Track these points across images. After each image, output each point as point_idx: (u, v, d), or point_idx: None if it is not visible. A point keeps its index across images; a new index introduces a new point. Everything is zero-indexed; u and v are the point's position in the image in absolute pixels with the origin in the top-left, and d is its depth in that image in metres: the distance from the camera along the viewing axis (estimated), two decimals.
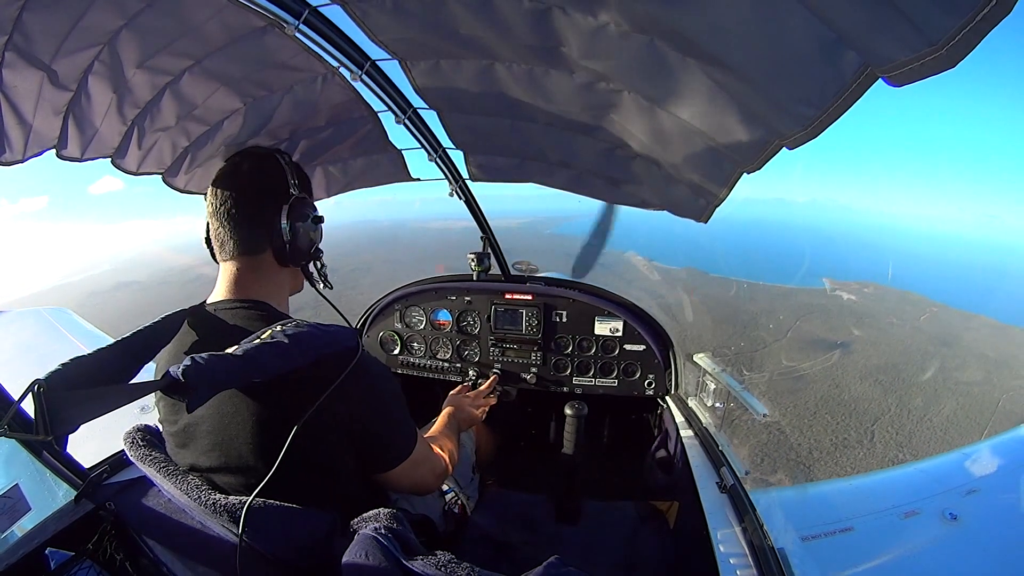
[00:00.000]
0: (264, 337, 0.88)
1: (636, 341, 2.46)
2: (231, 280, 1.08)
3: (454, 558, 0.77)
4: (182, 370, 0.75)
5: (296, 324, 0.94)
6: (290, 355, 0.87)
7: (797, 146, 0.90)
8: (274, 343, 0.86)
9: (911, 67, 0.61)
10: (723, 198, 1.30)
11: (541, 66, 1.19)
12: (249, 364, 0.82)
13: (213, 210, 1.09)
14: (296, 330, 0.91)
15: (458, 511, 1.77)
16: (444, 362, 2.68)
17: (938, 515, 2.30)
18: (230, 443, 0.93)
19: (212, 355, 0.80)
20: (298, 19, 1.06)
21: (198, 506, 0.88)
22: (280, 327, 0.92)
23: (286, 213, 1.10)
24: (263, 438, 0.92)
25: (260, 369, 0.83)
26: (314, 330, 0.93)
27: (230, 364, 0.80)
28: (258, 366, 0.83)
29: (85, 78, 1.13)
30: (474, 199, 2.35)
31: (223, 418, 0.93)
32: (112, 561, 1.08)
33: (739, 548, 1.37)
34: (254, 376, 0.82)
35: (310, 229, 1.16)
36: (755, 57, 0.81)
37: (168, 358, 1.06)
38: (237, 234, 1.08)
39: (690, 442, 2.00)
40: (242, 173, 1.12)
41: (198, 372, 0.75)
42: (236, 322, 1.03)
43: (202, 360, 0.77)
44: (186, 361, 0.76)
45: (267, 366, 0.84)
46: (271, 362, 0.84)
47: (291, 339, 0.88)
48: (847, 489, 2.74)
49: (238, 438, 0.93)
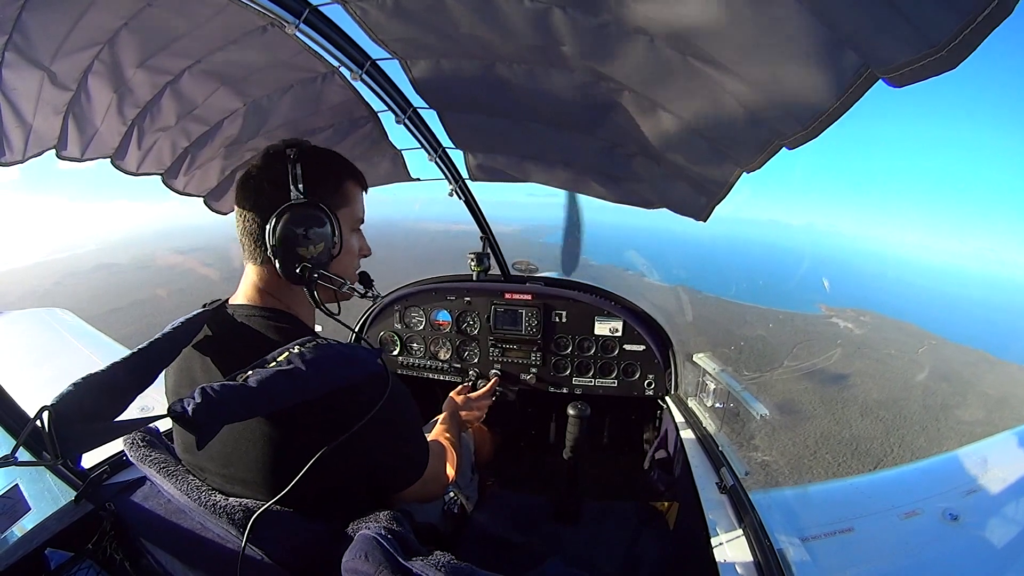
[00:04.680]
0: (280, 361, 0.83)
1: (636, 341, 2.46)
2: (257, 284, 1.02)
3: (454, 558, 0.77)
4: (192, 408, 0.71)
5: (316, 344, 0.88)
6: (308, 385, 0.82)
7: (797, 146, 0.90)
8: (290, 371, 0.81)
9: (911, 68, 0.61)
10: (723, 197, 1.30)
11: (541, 66, 1.19)
12: (263, 396, 0.78)
13: (240, 210, 1.01)
14: (315, 353, 0.85)
15: (458, 511, 1.77)
16: (444, 363, 2.68)
17: (938, 515, 2.30)
18: (240, 458, 0.91)
19: (225, 387, 0.76)
20: (298, 18, 1.05)
21: (198, 507, 0.88)
22: (298, 348, 0.86)
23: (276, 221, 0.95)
24: (275, 460, 0.89)
25: (275, 401, 0.79)
26: (335, 354, 0.88)
27: (243, 397, 0.76)
28: (273, 398, 0.79)
29: (85, 78, 1.13)
30: (474, 199, 2.36)
31: (233, 430, 0.89)
32: (112, 561, 1.08)
33: (739, 549, 1.37)
34: (268, 408, 0.79)
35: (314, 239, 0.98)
36: (755, 57, 0.81)
37: (182, 364, 1.00)
38: (247, 241, 1.01)
39: (690, 442, 2.00)
40: (251, 175, 1.02)
41: (209, 409, 0.72)
42: (259, 333, 0.97)
43: (213, 393, 0.73)
44: (196, 397, 0.72)
45: (283, 398, 0.80)
46: (287, 394, 0.80)
47: (309, 365, 0.83)
48: (847, 489, 2.74)
49: (248, 455, 0.90)
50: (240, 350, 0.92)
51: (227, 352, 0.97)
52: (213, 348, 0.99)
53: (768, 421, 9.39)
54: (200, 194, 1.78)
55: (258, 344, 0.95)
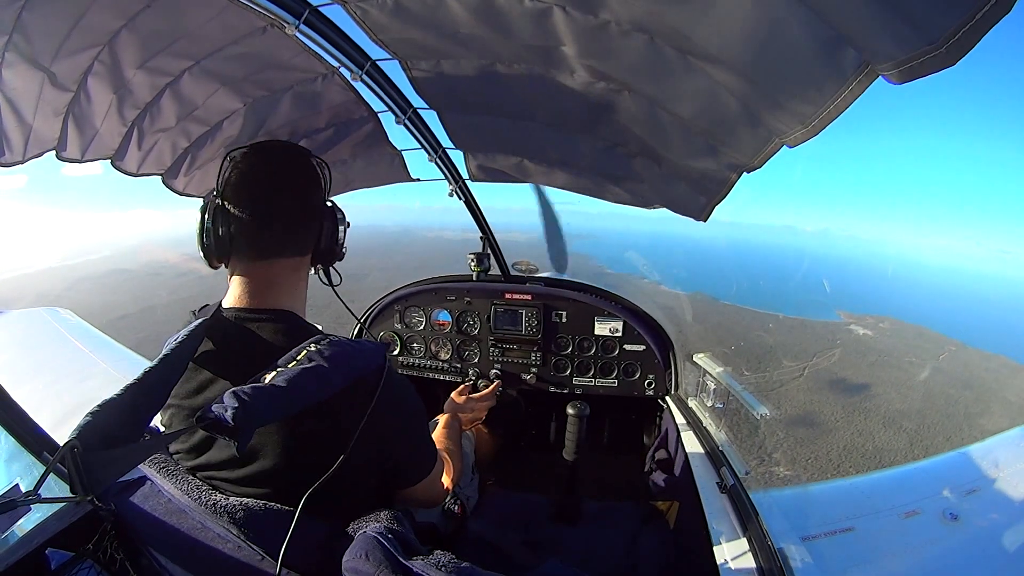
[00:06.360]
0: (301, 359, 0.85)
1: (636, 341, 2.46)
2: (260, 284, 1.01)
3: (454, 558, 0.77)
4: (231, 414, 0.71)
5: (330, 342, 0.91)
6: (332, 381, 0.85)
7: (797, 144, 0.90)
8: (315, 368, 0.83)
9: (910, 65, 0.61)
10: (723, 196, 1.30)
11: (541, 66, 1.19)
12: (294, 395, 0.79)
13: (252, 206, 0.99)
14: (332, 350, 0.88)
15: (458, 511, 1.77)
16: (444, 363, 2.68)
17: (938, 515, 2.30)
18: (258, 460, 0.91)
19: (256, 389, 0.77)
20: (298, 19, 1.05)
21: (198, 506, 0.88)
22: (315, 346, 0.89)
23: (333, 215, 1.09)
24: (295, 460, 0.89)
25: (304, 399, 0.81)
26: (347, 348, 0.91)
27: (276, 398, 0.77)
28: (303, 396, 0.80)
29: (85, 79, 1.13)
30: (474, 199, 2.36)
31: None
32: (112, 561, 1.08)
33: (739, 548, 1.37)
34: (298, 406, 0.80)
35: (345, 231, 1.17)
36: (755, 55, 0.81)
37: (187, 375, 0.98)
38: (283, 235, 1.01)
39: (690, 442, 2.00)
40: (288, 170, 1.04)
41: (248, 414, 0.72)
42: (263, 337, 0.98)
43: (248, 398, 0.74)
44: (232, 403, 0.73)
45: (310, 395, 0.81)
46: (314, 391, 0.82)
47: (330, 361, 0.85)
48: (847, 489, 2.74)
49: (268, 456, 0.90)
50: (250, 357, 0.92)
51: (234, 359, 0.97)
52: (218, 357, 0.98)
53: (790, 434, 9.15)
54: (200, 194, 1.78)
55: (264, 348, 0.95)
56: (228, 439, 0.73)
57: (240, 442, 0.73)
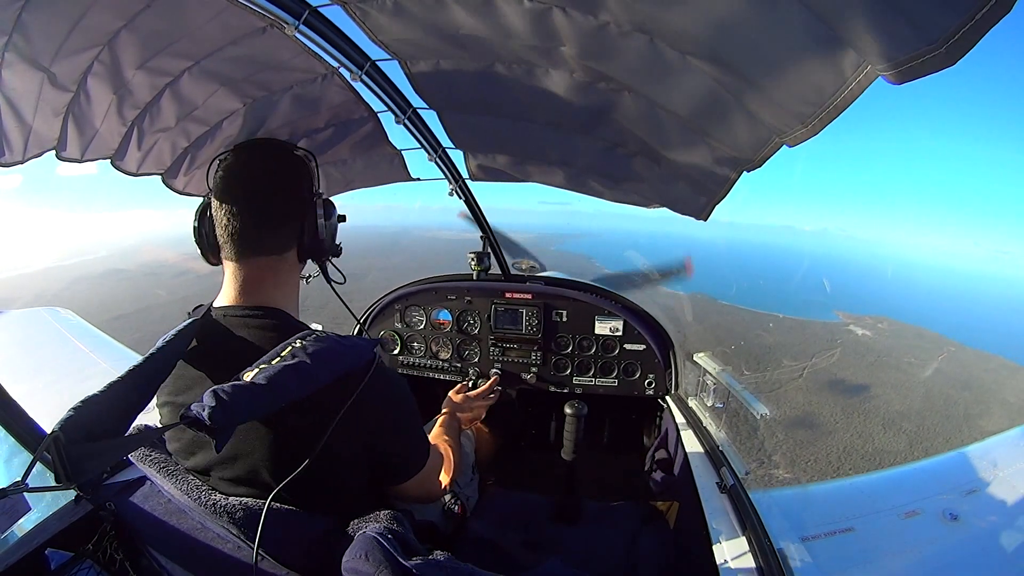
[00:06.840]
0: (284, 356, 0.85)
1: (636, 341, 2.46)
2: (247, 282, 1.02)
3: (454, 558, 0.77)
4: (208, 413, 0.72)
5: (316, 338, 0.91)
6: (314, 377, 0.84)
7: (797, 144, 0.90)
8: (297, 365, 0.83)
9: (910, 65, 0.61)
10: (723, 196, 1.30)
11: (541, 66, 1.19)
12: (275, 393, 0.79)
13: (233, 205, 1.00)
14: (317, 346, 0.88)
15: (458, 511, 1.77)
16: (444, 362, 2.68)
17: (938, 515, 2.30)
18: (244, 457, 0.91)
19: (235, 387, 0.77)
20: (298, 19, 1.05)
21: (198, 507, 0.88)
22: (300, 343, 0.89)
23: (320, 210, 1.10)
24: (280, 456, 0.89)
25: (285, 396, 0.81)
26: (335, 345, 0.91)
27: (256, 396, 0.78)
28: (283, 393, 0.80)
29: (85, 79, 1.13)
30: (474, 199, 2.36)
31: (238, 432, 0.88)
32: (112, 561, 1.08)
33: (739, 548, 1.37)
34: (279, 404, 0.81)
35: (335, 225, 1.17)
36: (754, 55, 0.81)
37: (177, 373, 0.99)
38: (263, 231, 1.02)
39: (690, 442, 2.00)
40: (268, 167, 1.07)
41: (225, 411, 0.73)
42: (251, 335, 0.98)
43: (226, 396, 0.74)
44: (210, 401, 0.73)
45: (292, 392, 0.82)
46: (296, 388, 0.82)
47: (313, 358, 0.85)
48: (847, 489, 2.74)
49: (254, 454, 0.91)
50: (239, 356, 0.92)
51: (223, 357, 0.97)
52: (207, 355, 0.99)
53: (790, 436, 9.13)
54: (200, 194, 1.78)
55: (252, 345, 0.96)
56: (206, 436, 0.74)
57: (219, 440, 0.74)
